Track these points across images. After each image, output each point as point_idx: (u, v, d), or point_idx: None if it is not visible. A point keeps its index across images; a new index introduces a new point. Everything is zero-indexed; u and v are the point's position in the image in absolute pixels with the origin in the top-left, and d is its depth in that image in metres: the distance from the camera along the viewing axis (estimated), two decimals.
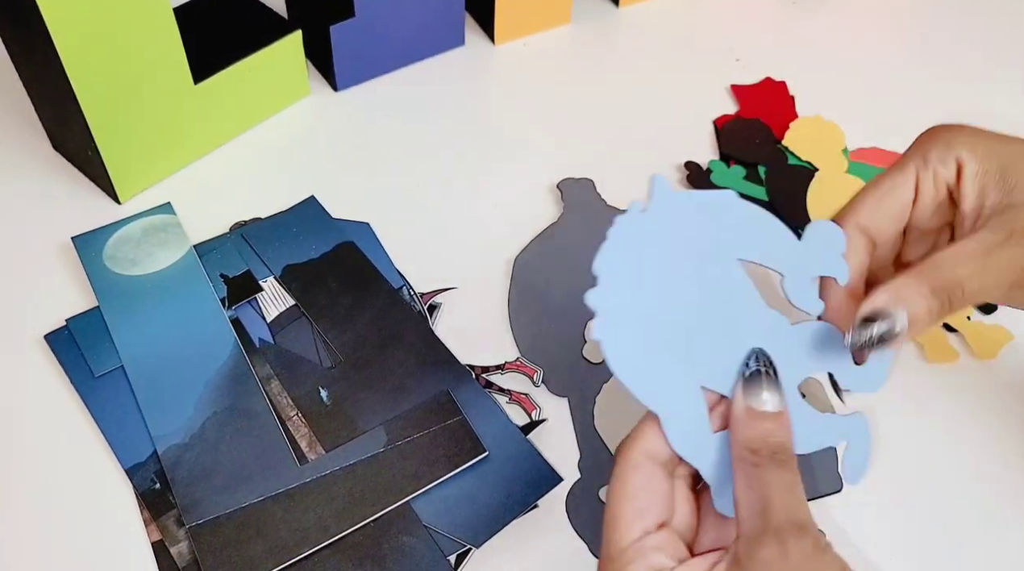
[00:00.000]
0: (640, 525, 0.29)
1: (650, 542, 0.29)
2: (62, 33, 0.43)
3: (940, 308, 0.30)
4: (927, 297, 0.30)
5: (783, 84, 0.61)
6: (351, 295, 0.46)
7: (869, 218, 0.34)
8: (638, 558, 0.28)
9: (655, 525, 0.29)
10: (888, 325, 0.30)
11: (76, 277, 0.47)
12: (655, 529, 0.29)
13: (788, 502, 0.27)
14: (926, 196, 0.34)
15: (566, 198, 0.52)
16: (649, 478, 0.30)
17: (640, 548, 0.28)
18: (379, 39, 0.58)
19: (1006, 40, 0.66)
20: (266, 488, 0.39)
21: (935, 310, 0.30)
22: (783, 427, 0.29)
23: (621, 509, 0.29)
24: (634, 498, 0.29)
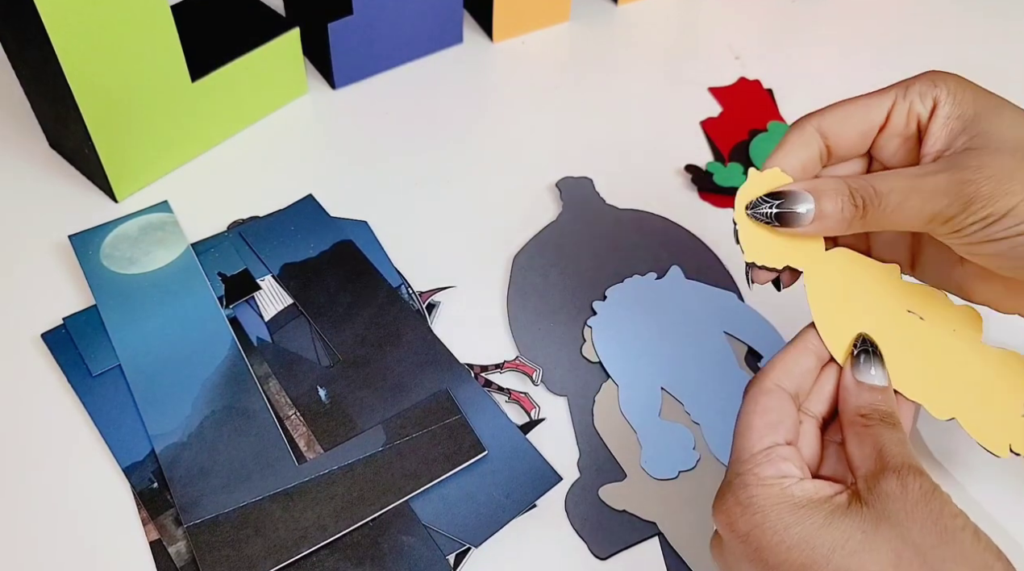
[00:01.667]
0: (771, 436, 0.30)
1: (780, 452, 0.30)
2: (59, 30, 0.42)
3: (853, 211, 0.31)
4: (843, 195, 0.31)
5: (757, 83, 0.61)
6: (349, 294, 0.46)
7: (832, 125, 0.34)
8: (767, 462, 0.30)
9: (785, 440, 0.31)
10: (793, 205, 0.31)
11: (73, 276, 0.47)
12: (784, 443, 0.31)
13: (902, 451, 0.29)
14: (896, 124, 0.33)
15: (565, 197, 0.52)
16: (780, 401, 0.31)
17: (770, 454, 0.30)
18: (377, 37, 0.58)
19: (1006, 41, 0.66)
20: (264, 487, 0.39)
21: (848, 210, 0.31)
22: (889, 399, 0.31)
23: (754, 421, 0.31)
24: (766, 413, 0.31)
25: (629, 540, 0.39)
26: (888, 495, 0.28)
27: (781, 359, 0.33)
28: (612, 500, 0.40)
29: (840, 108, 0.34)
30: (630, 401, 0.43)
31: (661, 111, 0.59)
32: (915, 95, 0.33)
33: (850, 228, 0.32)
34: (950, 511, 0.28)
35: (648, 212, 0.52)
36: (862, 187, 0.31)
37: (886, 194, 0.31)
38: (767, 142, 0.56)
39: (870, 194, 0.31)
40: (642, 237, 0.50)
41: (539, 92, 0.60)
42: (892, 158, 0.34)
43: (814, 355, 0.33)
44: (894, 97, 0.33)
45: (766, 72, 0.62)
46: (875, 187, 0.31)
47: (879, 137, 0.34)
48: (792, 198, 0.32)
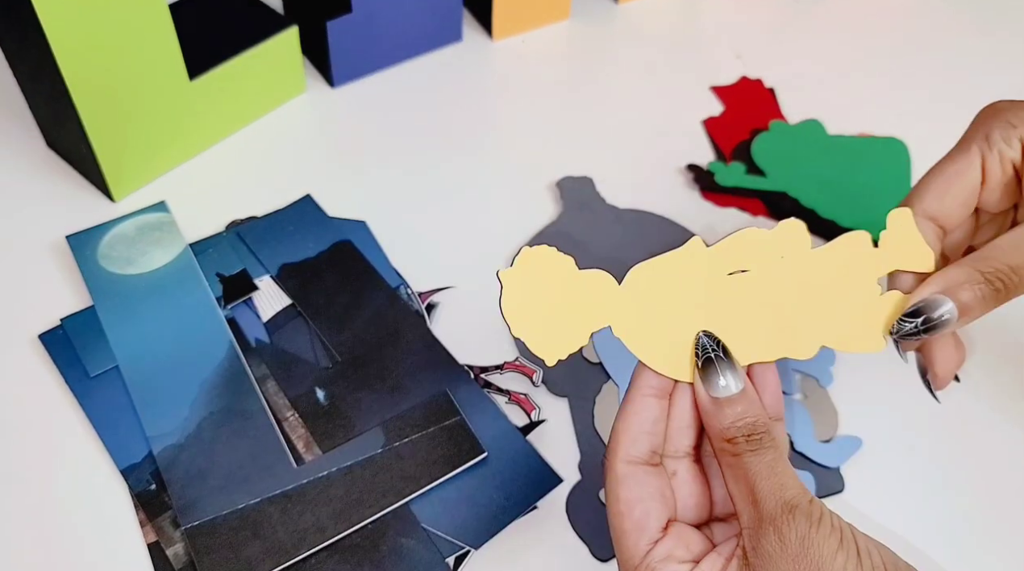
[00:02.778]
0: (645, 538, 0.29)
1: (658, 553, 0.29)
2: (56, 29, 0.42)
3: (994, 294, 0.30)
4: (979, 284, 0.30)
5: (759, 82, 0.61)
6: (348, 294, 0.46)
7: (936, 206, 0.33)
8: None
9: (659, 531, 0.29)
10: (933, 315, 0.30)
11: (70, 276, 0.47)
12: (661, 535, 0.29)
13: (772, 485, 0.28)
14: (993, 178, 0.33)
15: (565, 196, 0.52)
16: (638, 485, 0.30)
17: (648, 564, 0.29)
18: (376, 35, 0.57)
19: (1006, 43, 0.66)
20: (263, 489, 0.38)
21: (988, 296, 0.30)
22: (751, 404, 0.29)
23: (622, 528, 0.30)
24: (629, 513, 0.30)
25: None
26: (771, 556, 0.27)
27: (620, 428, 0.30)
28: None
29: (933, 184, 0.33)
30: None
31: (662, 110, 0.59)
32: (999, 143, 0.32)
33: (995, 307, 0.31)
34: (830, 551, 0.27)
35: (648, 212, 0.52)
36: (996, 269, 0.30)
37: (1021, 266, 0.30)
38: (768, 141, 0.56)
39: (1007, 273, 0.30)
40: (642, 237, 0.50)
41: (539, 91, 0.60)
42: (997, 205, 0.34)
43: (653, 398, 0.31)
44: (979, 152, 0.33)
45: (768, 71, 0.62)
46: (1009, 264, 0.30)
47: (981, 194, 0.33)
48: (931, 307, 0.30)
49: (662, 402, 0.31)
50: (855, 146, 0.56)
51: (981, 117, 0.33)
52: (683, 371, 0.31)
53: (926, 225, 0.33)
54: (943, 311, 0.30)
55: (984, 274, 0.30)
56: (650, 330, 0.31)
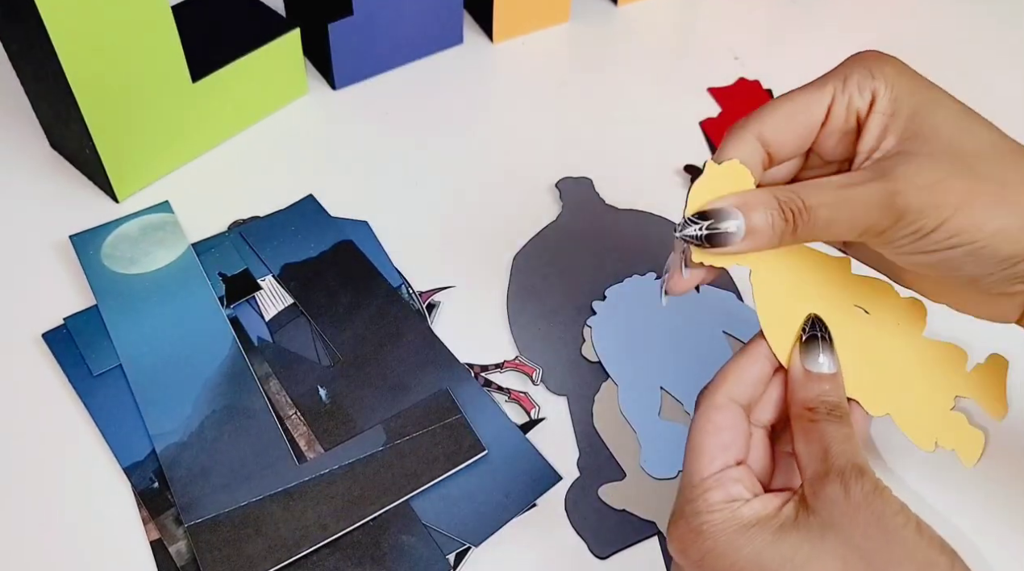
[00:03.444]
0: (722, 458, 0.30)
1: (730, 474, 0.30)
2: (59, 31, 0.42)
3: (783, 225, 0.30)
4: (773, 210, 0.30)
5: (757, 83, 0.61)
6: (350, 294, 0.46)
7: (773, 131, 0.32)
8: (717, 487, 0.30)
9: (735, 460, 0.31)
10: (721, 223, 0.30)
11: (74, 276, 0.47)
12: (735, 464, 0.31)
13: (846, 449, 0.29)
14: (835, 121, 0.32)
15: (565, 197, 0.52)
16: (732, 418, 0.31)
17: (720, 478, 0.30)
18: (377, 37, 0.58)
19: (1006, 42, 0.66)
20: (265, 487, 0.39)
21: (778, 226, 0.30)
22: (838, 387, 0.31)
23: (705, 442, 0.31)
24: (717, 433, 0.31)
25: (629, 539, 0.39)
26: (832, 501, 0.28)
27: (732, 369, 0.32)
28: (612, 499, 0.40)
29: (778, 110, 0.32)
30: (630, 401, 0.43)
31: (661, 111, 0.59)
32: (854, 88, 0.31)
33: (782, 242, 0.31)
34: (892, 510, 0.28)
35: (648, 212, 0.52)
36: (791, 200, 0.30)
37: (816, 208, 0.30)
38: None
39: (799, 207, 0.30)
40: (642, 237, 0.50)
41: (539, 92, 0.60)
42: (831, 153, 0.33)
43: (767, 361, 0.32)
44: (832, 91, 0.32)
45: (765, 72, 0.62)
46: (804, 201, 0.30)
47: (819, 134, 0.32)
48: (721, 215, 0.30)
49: (770, 368, 0.32)
50: None
51: (847, 61, 0.32)
52: (781, 351, 0.32)
53: (754, 145, 0.32)
54: (731, 224, 0.30)
55: (780, 202, 0.30)
56: (777, 299, 0.33)
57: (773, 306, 0.33)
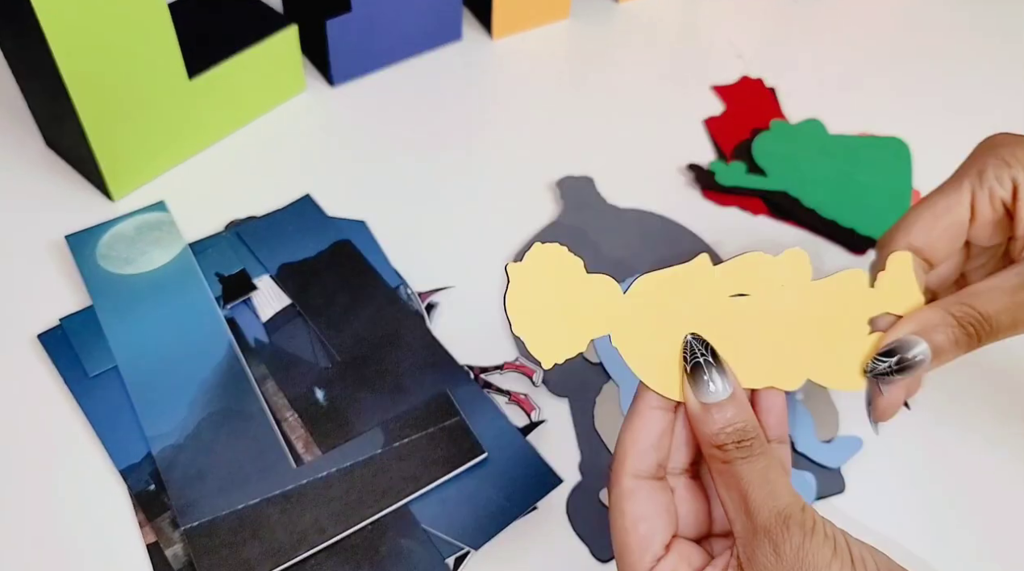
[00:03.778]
0: (649, 554, 0.29)
1: (662, 568, 0.29)
2: (55, 28, 0.42)
3: (967, 339, 0.30)
4: (952, 327, 0.30)
5: (760, 81, 0.61)
6: (348, 294, 0.46)
7: (923, 239, 0.33)
8: None
9: (663, 547, 0.29)
10: (908, 354, 0.30)
11: (69, 276, 0.47)
12: (664, 551, 0.29)
13: (766, 495, 0.28)
14: (983, 215, 0.33)
15: (565, 196, 0.52)
16: (645, 500, 0.30)
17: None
18: (375, 34, 0.57)
19: (1006, 42, 0.66)
20: (262, 490, 0.38)
21: (961, 341, 0.30)
22: (740, 409, 0.29)
23: (626, 543, 0.29)
24: (635, 529, 0.29)
25: None
26: (765, 567, 0.27)
27: (626, 441, 0.30)
28: None
29: (922, 217, 0.33)
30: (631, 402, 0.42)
31: (662, 109, 0.59)
32: (991, 181, 0.32)
33: (968, 351, 0.31)
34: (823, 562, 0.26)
35: (649, 212, 0.51)
36: (967, 314, 0.30)
37: (995, 317, 0.30)
38: (769, 140, 0.56)
39: (978, 320, 0.30)
40: (642, 237, 0.50)
41: (539, 90, 0.60)
42: (988, 240, 0.33)
43: (660, 411, 0.30)
44: (970, 188, 0.32)
45: (768, 70, 0.62)
46: (981, 312, 0.30)
47: (970, 230, 0.33)
48: (905, 347, 0.30)
49: (668, 415, 0.31)
50: (856, 145, 0.56)
51: (978, 151, 0.33)
52: (675, 388, 0.30)
53: (913, 258, 0.32)
54: (917, 352, 0.30)
55: (958, 319, 0.30)
56: (648, 343, 0.31)
57: (646, 350, 0.31)
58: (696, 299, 0.31)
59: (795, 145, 0.56)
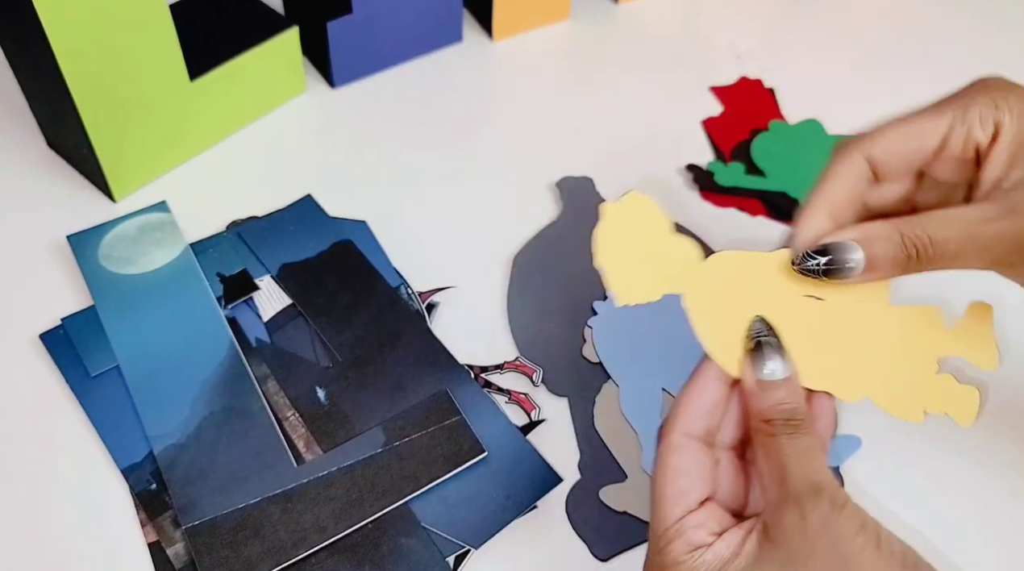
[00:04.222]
0: (682, 505, 0.30)
1: (691, 521, 0.30)
2: (57, 29, 0.42)
3: (906, 261, 0.30)
4: (895, 244, 0.30)
5: (759, 82, 0.61)
6: (349, 294, 0.46)
7: (882, 152, 0.31)
8: (678, 537, 0.29)
9: (697, 502, 0.30)
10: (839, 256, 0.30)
11: (71, 276, 0.47)
12: (697, 507, 0.30)
13: (803, 467, 0.28)
14: (952, 150, 0.31)
15: (565, 196, 0.52)
16: (689, 458, 0.30)
17: (680, 528, 0.29)
18: (376, 35, 0.57)
19: (1007, 41, 0.66)
20: (263, 489, 0.39)
21: (899, 260, 0.30)
22: (793, 392, 0.30)
23: (663, 492, 0.30)
24: (674, 481, 0.30)
25: (630, 541, 0.39)
26: (790, 532, 0.27)
27: (683, 401, 0.31)
28: (613, 501, 0.40)
29: (889, 133, 0.32)
30: (631, 402, 0.43)
31: (662, 110, 0.59)
32: (975, 119, 0.31)
33: (904, 274, 0.30)
34: (850, 532, 0.27)
35: None
36: (916, 236, 0.30)
37: (942, 243, 0.29)
38: (768, 141, 0.56)
39: (924, 243, 0.29)
40: None
41: (539, 91, 0.60)
42: (947, 177, 0.32)
43: (718, 382, 0.31)
44: (950, 121, 0.31)
45: (767, 71, 0.62)
46: (930, 235, 0.29)
47: (933, 160, 0.32)
48: (840, 250, 0.30)
49: (724, 388, 0.31)
50: None
51: (969, 88, 0.32)
52: (734, 364, 0.31)
53: (860, 162, 0.32)
54: (851, 258, 0.30)
55: (904, 236, 0.30)
56: (717, 315, 0.32)
57: (714, 321, 0.31)
58: (771, 288, 0.32)
59: (794, 146, 0.56)
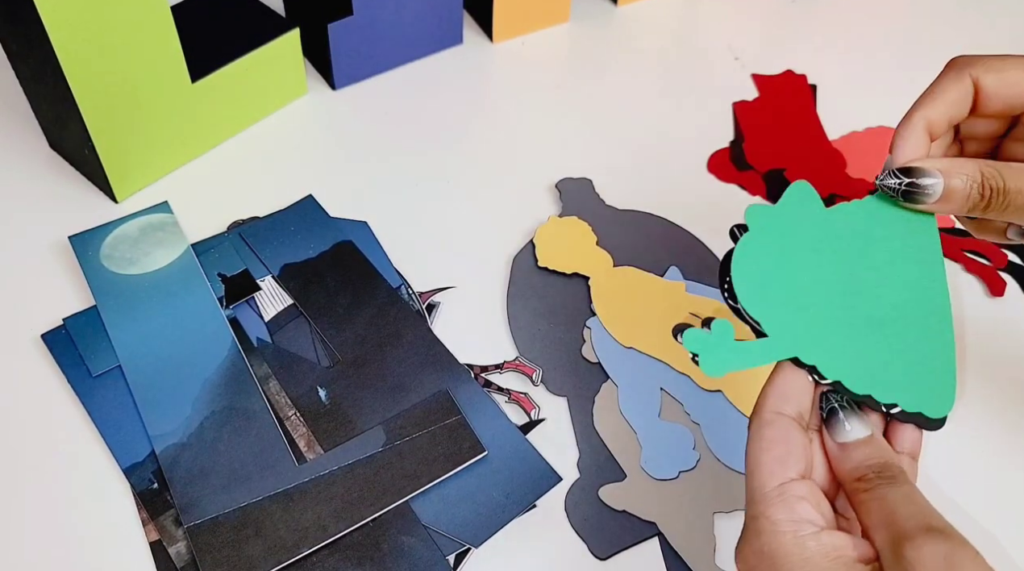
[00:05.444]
0: (780, 472, 0.29)
1: (793, 489, 0.28)
2: (59, 31, 0.42)
3: (979, 199, 0.31)
4: (974, 181, 0.31)
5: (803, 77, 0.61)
6: (349, 294, 0.46)
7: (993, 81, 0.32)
8: (780, 502, 0.28)
9: (797, 474, 0.29)
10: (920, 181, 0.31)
11: (73, 276, 0.47)
12: (797, 478, 0.29)
13: (913, 511, 0.27)
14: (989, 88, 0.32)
15: (565, 197, 0.52)
16: (783, 430, 0.30)
17: (782, 493, 0.28)
18: (377, 37, 0.58)
19: (1007, 40, 0.66)
20: (264, 488, 0.39)
21: (973, 196, 0.31)
22: (879, 447, 0.29)
23: (761, 458, 0.29)
24: (770, 449, 0.29)
25: (629, 540, 0.39)
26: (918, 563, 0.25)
27: (773, 383, 0.31)
28: (612, 500, 0.40)
29: (1005, 63, 0.32)
30: (630, 401, 0.43)
31: (660, 112, 0.59)
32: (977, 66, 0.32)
33: (971, 212, 0.31)
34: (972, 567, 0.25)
35: (647, 213, 0.52)
36: (994, 177, 0.31)
37: (1014, 193, 0.30)
38: (754, 252, 0.40)
39: (999, 188, 0.30)
40: (641, 237, 0.50)
41: (539, 92, 0.60)
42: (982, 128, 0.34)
43: None
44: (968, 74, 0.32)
45: (766, 72, 0.62)
46: (1007, 183, 0.30)
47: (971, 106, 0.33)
48: (922, 174, 0.31)
49: None
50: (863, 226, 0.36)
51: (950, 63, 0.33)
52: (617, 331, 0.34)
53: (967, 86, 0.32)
54: (931, 182, 0.31)
55: (984, 176, 0.31)
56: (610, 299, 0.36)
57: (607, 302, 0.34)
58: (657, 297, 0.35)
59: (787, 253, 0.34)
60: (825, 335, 0.31)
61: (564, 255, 0.48)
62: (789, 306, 0.31)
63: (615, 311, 0.46)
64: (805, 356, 0.31)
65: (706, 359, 0.31)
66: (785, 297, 0.31)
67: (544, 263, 0.48)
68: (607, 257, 0.49)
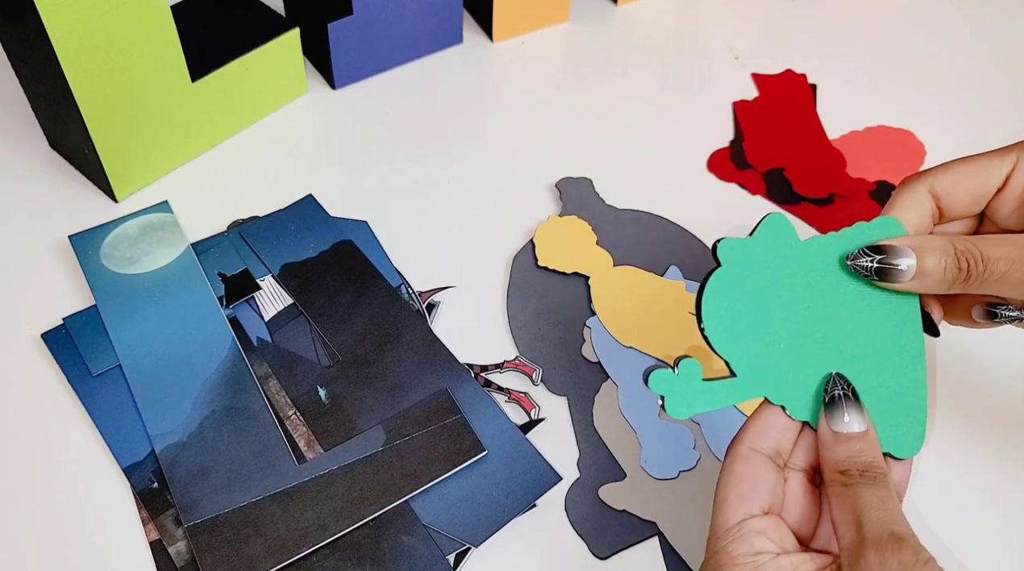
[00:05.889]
0: (744, 509, 0.30)
1: (753, 525, 0.29)
2: (59, 30, 0.42)
3: (956, 273, 0.30)
4: (948, 257, 0.30)
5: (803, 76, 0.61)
6: (349, 294, 0.46)
7: (945, 187, 0.32)
8: (739, 539, 0.29)
9: (760, 510, 0.30)
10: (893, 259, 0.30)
11: (73, 276, 0.47)
12: (760, 514, 0.30)
13: (881, 516, 0.28)
14: (1015, 188, 0.32)
15: (565, 197, 0.52)
16: (753, 467, 0.31)
17: (742, 529, 0.29)
18: (377, 37, 0.58)
19: (1008, 40, 0.66)
20: (264, 487, 0.39)
21: (949, 272, 0.30)
22: (870, 446, 0.30)
23: (727, 493, 0.30)
24: (737, 484, 0.30)
25: (629, 540, 0.39)
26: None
27: (754, 418, 0.32)
28: (612, 500, 0.40)
29: (954, 169, 0.32)
30: (630, 401, 0.43)
31: (660, 111, 0.59)
32: None
33: (950, 289, 0.31)
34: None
35: (647, 212, 0.52)
36: (969, 250, 0.30)
37: (993, 261, 0.30)
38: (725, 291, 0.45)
39: (976, 259, 0.30)
40: (641, 237, 0.50)
41: (539, 92, 0.60)
42: (1006, 220, 0.33)
43: None
44: (1015, 160, 0.32)
45: (764, 71, 0.62)
46: (983, 253, 0.30)
47: (994, 199, 0.33)
48: (894, 253, 0.31)
49: None
50: None
51: None
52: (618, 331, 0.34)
53: (924, 197, 0.32)
54: (904, 262, 0.30)
55: (957, 251, 0.30)
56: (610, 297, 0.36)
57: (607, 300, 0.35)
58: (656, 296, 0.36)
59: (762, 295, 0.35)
60: (794, 374, 0.31)
61: (564, 254, 0.48)
62: (759, 344, 0.31)
63: (615, 310, 0.46)
64: (773, 396, 0.31)
65: (672, 401, 0.31)
66: (755, 335, 0.31)
67: (544, 262, 0.48)
68: (607, 257, 0.48)
